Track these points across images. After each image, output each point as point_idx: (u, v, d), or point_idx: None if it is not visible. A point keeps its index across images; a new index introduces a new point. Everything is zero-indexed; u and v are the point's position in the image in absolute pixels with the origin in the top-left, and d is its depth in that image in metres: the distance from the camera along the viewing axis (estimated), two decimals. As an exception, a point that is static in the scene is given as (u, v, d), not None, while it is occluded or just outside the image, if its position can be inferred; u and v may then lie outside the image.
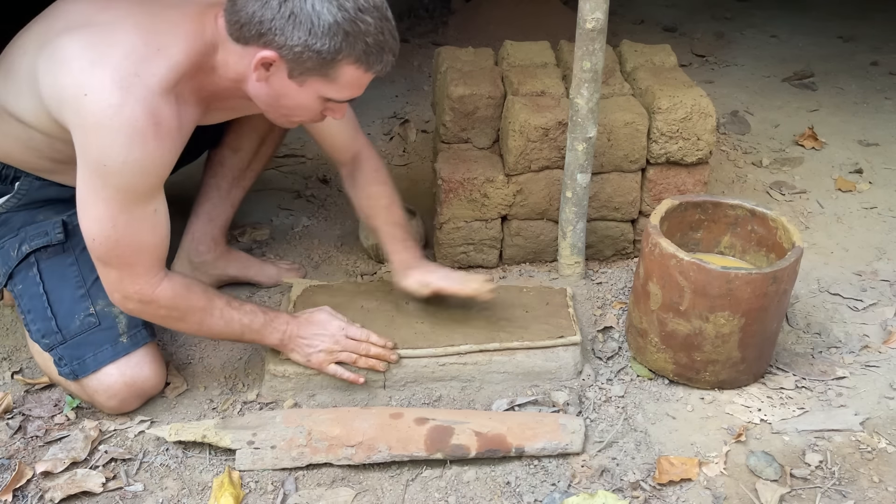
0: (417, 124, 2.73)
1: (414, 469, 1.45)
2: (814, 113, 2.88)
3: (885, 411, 1.58)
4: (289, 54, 1.30)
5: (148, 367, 1.53)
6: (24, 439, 1.51)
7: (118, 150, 1.29)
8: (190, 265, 1.87)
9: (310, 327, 1.56)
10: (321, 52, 1.29)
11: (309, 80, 1.35)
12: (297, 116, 1.46)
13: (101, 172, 1.31)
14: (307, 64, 1.32)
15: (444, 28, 3.61)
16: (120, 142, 1.28)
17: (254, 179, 1.93)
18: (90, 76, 1.28)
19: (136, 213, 1.36)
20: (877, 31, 3.69)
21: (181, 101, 1.38)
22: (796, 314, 1.86)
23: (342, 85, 1.37)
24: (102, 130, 1.28)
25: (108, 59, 1.29)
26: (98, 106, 1.27)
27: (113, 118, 1.27)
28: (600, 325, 1.80)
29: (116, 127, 1.27)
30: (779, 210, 2.18)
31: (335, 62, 1.32)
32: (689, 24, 3.78)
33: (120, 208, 1.34)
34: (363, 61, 1.33)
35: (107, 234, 1.35)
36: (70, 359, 1.50)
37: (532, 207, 1.94)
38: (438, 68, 2.15)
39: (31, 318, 1.54)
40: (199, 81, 1.40)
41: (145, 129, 1.29)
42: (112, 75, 1.28)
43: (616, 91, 2.01)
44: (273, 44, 1.30)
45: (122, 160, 1.29)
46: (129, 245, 1.37)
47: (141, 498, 1.40)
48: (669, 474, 1.42)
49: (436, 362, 1.61)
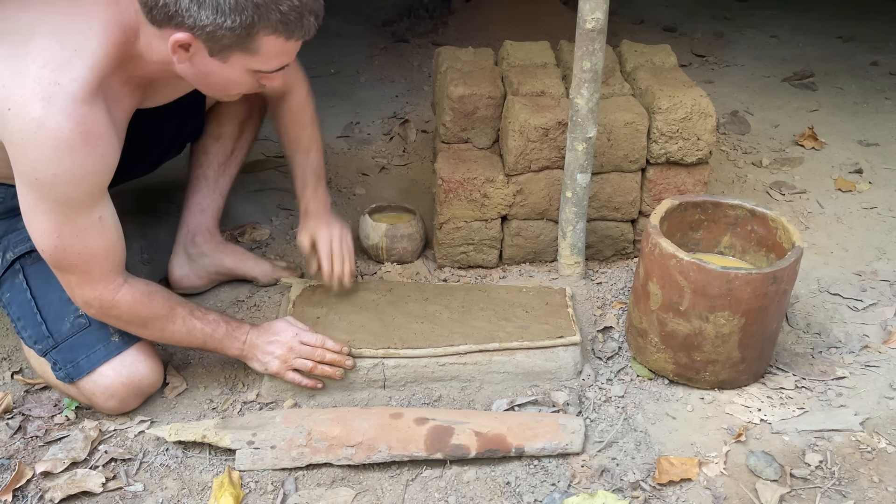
0: (417, 124, 2.72)
1: (414, 469, 1.45)
2: (814, 113, 2.88)
3: (885, 411, 1.58)
4: (202, 34, 1.27)
5: (143, 364, 1.52)
6: (24, 439, 1.51)
7: (47, 164, 1.26)
8: (187, 258, 1.87)
9: (266, 335, 1.56)
10: (233, 28, 1.26)
11: (231, 56, 1.32)
12: (233, 90, 1.44)
13: (36, 186, 1.29)
14: (224, 41, 1.29)
15: (444, 28, 3.60)
16: (47, 155, 1.26)
17: (238, 167, 1.94)
18: (11, 90, 1.25)
19: (79, 223, 1.34)
20: (877, 31, 3.69)
21: (110, 97, 1.35)
22: (796, 314, 1.86)
23: (267, 56, 1.33)
24: (29, 145, 1.26)
25: (27, 69, 1.26)
26: (21, 121, 1.25)
27: (37, 132, 1.24)
28: (600, 325, 1.80)
29: (41, 141, 1.25)
30: (779, 210, 2.18)
31: (252, 36, 1.29)
32: (689, 24, 3.78)
33: (61, 219, 1.32)
34: (282, 31, 1.30)
35: (53, 245, 1.34)
36: (64, 362, 1.49)
37: (532, 207, 1.94)
38: (438, 68, 2.15)
39: (21, 325, 1.53)
40: (127, 71, 1.37)
41: (72, 140, 1.26)
42: (32, 87, 1.25)
43: (616, 91, 2.01)
44: (184, 25, 1.27)
45: (53, 173, 1.27)
46: (79, 254, 1.36)
47: (141, 498, 1.40)
48: (669, 474, 1.42)
49: (436, 362, 1.61)
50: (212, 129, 1.87)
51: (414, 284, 1.89)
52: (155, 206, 2.18)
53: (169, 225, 1.92)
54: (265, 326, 1.59)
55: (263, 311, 1.84)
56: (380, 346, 1.60)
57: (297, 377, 1.56)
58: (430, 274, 1.98)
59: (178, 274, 1.87)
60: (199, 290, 1.90)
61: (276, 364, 1.55)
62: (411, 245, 2.00)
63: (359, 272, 2.00)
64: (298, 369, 1.56)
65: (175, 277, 1.87)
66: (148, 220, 2.15)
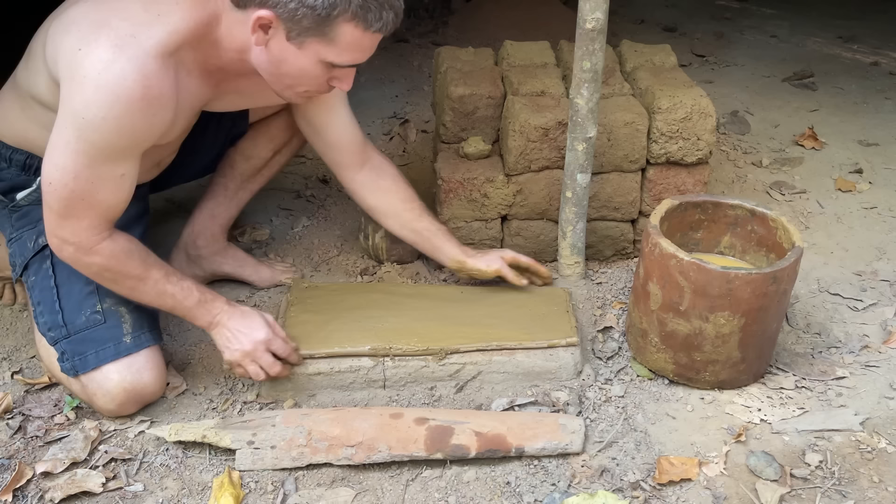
0: (417, 124, 2.73)
1: (414, 469, 1.45)
2: (814, 113, 2.88)
3: (885, 411, 1.58)
4: (284, 12, 1.30)
5: (148, 373, 1.52)
6: (24, 439, 1.51)
7: (98, 107, 1.28)
8: (187, 257, 1.87)
9: (240, 322, 1.55)
10: (315, 6, 1.29)
11: (308, 42, 1.34)
12: (302, 86, 1.45)
13: (79, 125, 1.30)
14: (304, 22, 1.31)
15: (444, 28, 3.61)
16: (103, 98, 1.28)
17: (263, 184, 1.94)
18: (87, 34, 1.29)
19: (101, 171, 1.35)
20: (877, 31, 3.69)
21: (182, 69, 1.37)
22: (796, 314, 1.86)
23: (343, 47, 1.36)
24: (87, 83, 1.28)
25: (108, 21, 1.30)
26: (88, 59, 1.28)
27: (101, 73, 1.27)
28: (600, 325, 1.80)
29: (102, 83, 1.27)
30: (779, 210, 2.18)
31: (331, 19, 1.31)
32: (689, 24, 3.78)
33: (87, 163, 1.33)
34: (361, 18, 1.32)
35: (64, 183, 1.34)
36: (72, 354, 1.50)
37: (532, 207, 1.94)
38: (438, 68, 2.15)
39: (39, 310, 1.54)
40: (203, 53, 1.39)
41: (132, 91, 1.29)
42: (108, 34, 1.29)
43: (616, 91, 2.01)
44: (268, 3, 1.30)
45: (102, 116, 1.29)
46: (84, 199, 1.36)
47: (141, 498, 1.40)
48: (669, 474, 1.42)
49: (436, 362, 1.61)
50: (245, 147, 1.86)
51: (413, 285, 1.89)
52: (156, 206, 2.18)
53: (169, 225, 1.92)
54: (241, 311, 1.57)
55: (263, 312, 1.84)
56: (380, 346, 1.60)
57: (243, 373, 1.56)
58: (429, 274, 1.98)
59: None
60: None
61: (235, 355, 1.53)
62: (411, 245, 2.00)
63: (359, 272, 2.00)
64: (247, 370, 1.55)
65: None
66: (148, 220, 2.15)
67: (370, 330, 1.64)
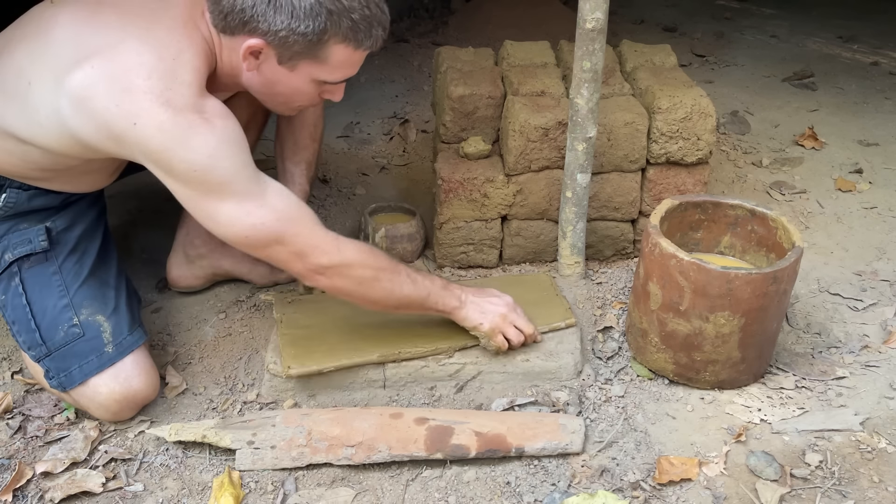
0: (417, 124, 2.73)
1: (414, 469, 1.45)
2: (814, 113, 2.88)
3: (885, 411, 1.58)
4: (274, 40, 1.30)
5: (137, 379, 1.49)
6: (24, 439, 1.51)
7: (195, 153, 1.28)
8: (185, 258, 1.86)
9: (483, 294, 1.58)
10: (306, 34, 1.29)
11: (300, 64, 1.35)
12: (296, 102, 1.46)
13: (199, 180, 1.30)
14: (295, 48, 1.31)
15: (444, 28, 3.61)
16: (191, 145, 1.28)
17: None
18: (127, 107, 1.26)
19: (255, 192, 1.34)
20: (877, 31, 3.69)
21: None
22: (796, 314, 1.86)
23: (334, 66, 1.36)
24: (170, 146, 1.27)
25: (134, 84, 1.27)
26: (152, 129, 1.27)
27: (172, 131, 1.26)
28: (600, 325, 1.80)
29: (179, 137, 1.27)
30: (779, 210, 2.18)
31: (322, 43, 1.31)
32: (689, 24, 3.78)
33: (239, 196, 1.32)
34: (351, 39, 1.32)
35: (251, 224, 1.34)
36: (56, 371, 1.47)
37: (532, 207, 1.94)
38: (438, 68, 2.15)
39: (16, 329, 1.51)
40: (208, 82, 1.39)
41: (204, 124, 1.29)
42: (148, 98, 1.26)
43: (616, 91, 2.01)
44: (258, 31, 1.29)
45: (207, 154, 1.28)
46: (278, 220, 1.35)
47: (141, 498, 1.40)
48: (669, 474, 1.42)
49: (436, 362, 1.61)
50: None
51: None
52: (155, 206, 2.18)
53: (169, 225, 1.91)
54: (475, 288, 1.60)
55: (263, 312, 1.84)
56: (388, 352, 1.59)
57: (503, 342, 1.57)
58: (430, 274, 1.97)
59: (175, 273, 1.87)
60: (196, 289, 1.89)
61: (496, 320, 1.55)
62: (411, 245, 2.00)
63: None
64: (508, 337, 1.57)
65: (173, 277, 1.87)
66: (148, 220, 2.15)
67: (371, 336, 1.63)
